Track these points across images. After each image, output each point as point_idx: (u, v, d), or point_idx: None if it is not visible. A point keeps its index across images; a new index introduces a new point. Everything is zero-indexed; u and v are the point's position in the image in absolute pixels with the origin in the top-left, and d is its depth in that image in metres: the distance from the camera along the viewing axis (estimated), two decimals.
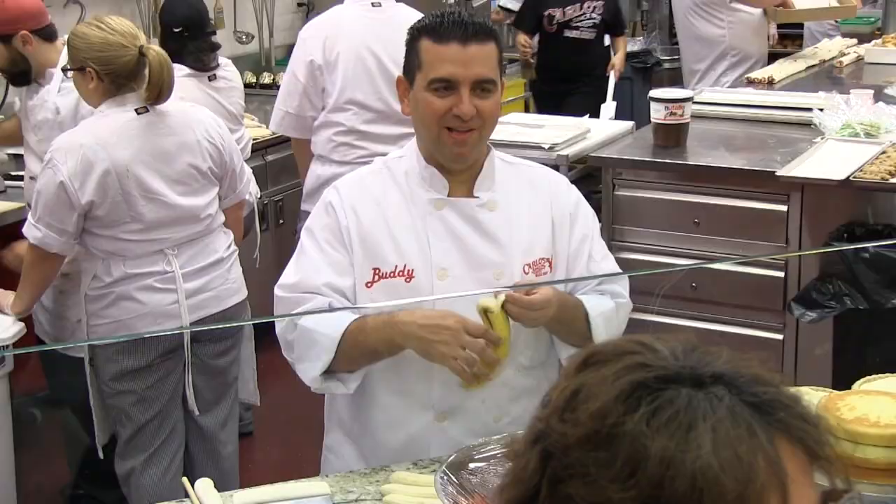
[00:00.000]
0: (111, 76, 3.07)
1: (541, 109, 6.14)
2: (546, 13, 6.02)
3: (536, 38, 6.31)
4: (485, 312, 2.09)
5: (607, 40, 6.23)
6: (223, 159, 3.28)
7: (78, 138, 3.08)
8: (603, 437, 0.86)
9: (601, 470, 0.85)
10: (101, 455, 3.33)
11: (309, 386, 2.23)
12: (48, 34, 3.54)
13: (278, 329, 2.23)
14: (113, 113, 3.10)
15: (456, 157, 2.17)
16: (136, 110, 3.11)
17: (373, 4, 4.26)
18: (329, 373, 2.16)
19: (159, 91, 3.09)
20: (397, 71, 4.23)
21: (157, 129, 3.13)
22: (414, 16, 4.31)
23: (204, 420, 3.39)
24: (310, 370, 2.17)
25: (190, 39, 4.09)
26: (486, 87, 2.13)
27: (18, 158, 4.23)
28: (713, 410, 0.85)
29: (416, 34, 2.18)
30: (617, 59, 6.21)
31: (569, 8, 5.99)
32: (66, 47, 3.19)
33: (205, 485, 2.09)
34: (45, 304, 3.38)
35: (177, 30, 4.09)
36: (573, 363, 0.95)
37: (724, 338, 0.90)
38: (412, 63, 2.17)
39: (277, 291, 2.24)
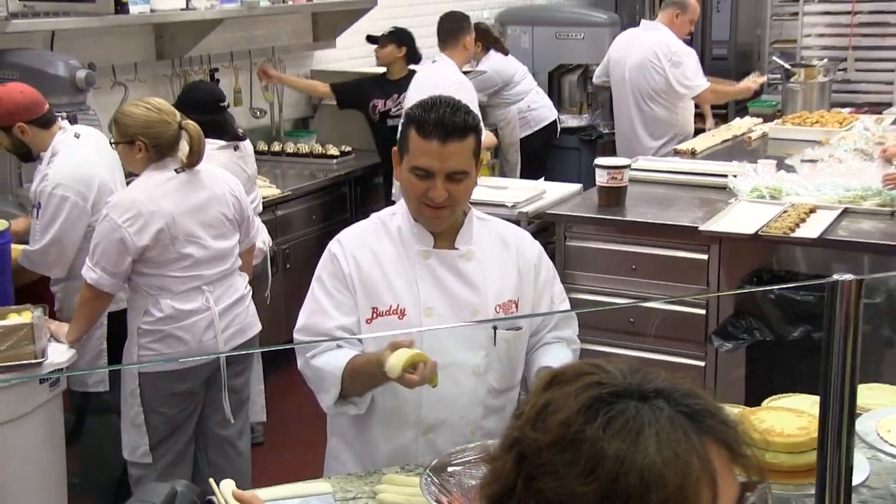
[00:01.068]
0: (157, 147, 3.11)
1: (390, 199, 4.92)
2: (371, 103, 5.37)
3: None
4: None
5: None
6: (241, 208, 3.32)
7: (131, 195, 3.11)
8: (568, 441, 0.87)
9: (567, 468, 0.86)
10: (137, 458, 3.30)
11: (323, 408, 2.26)
12: (44, 122, 3.48)
13: (299, 365, 2.24)
14: (157, 174, 3.13)
15: (431, 224, 2.19)
16: (175, 170, 3.15)
17: (433, 62, 5.02)
18: (343, 398, 2.18)
19: (198, 157, 3.15)
20: None
21: (193, 185, 3.18)
22: (446, 73, 4.88)
23: (224, 431, 3.39)
24: (325, 400, 2.21)
25: (226, 113, 4.11)
26: (458, 177, 2.11)
27: None
28: (656, 419, 0.87)
29: (408, 121, 2.15)
30: None
31: (389, 100, 5.41)
32: (114, 124, 3.21)
33: (228, 485, 2.07)
34: None
35: (223, 104, 4.07)
36: (541, 382, 0.96)
37: (655, 364, 0.91)
38: (403, 144, 2.15)
39: (296, 335, 2.24)
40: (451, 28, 5.09)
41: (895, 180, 3.94)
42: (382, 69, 5.50)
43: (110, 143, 3.20)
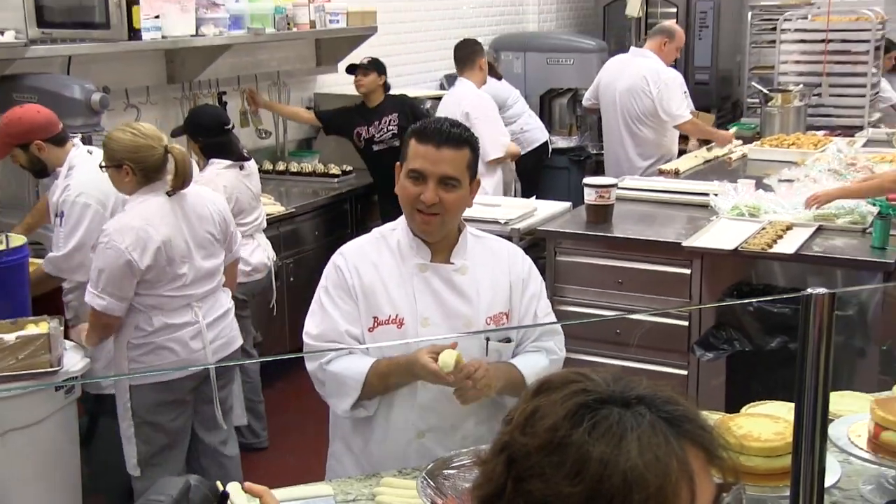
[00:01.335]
0: (144, 171, 3.08)
1: (385, 217, 4.81)
2: (355, 131, 5.38)
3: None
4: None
5: None
6: (226, 225, 3.31)
7: (129, 220, 3.07)
8: (555, 445, 0.88)
9: (555, 471, 0.87)
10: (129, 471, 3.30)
11: (336, 411, 2.25)
12: (58, 140, 3.50)
13: (310, 369, 2.23)
14: (149, 198, 3.10)
15: (423, 232, 2.19)
16: (166, 193, 3.12)
17: (440, 85, 5.38)
18: (356, 401, 2.18)
19: (183, 180, 3.12)
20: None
21: (183, 207, 3.15)
22: (467, 90, 5.40)
23: (209, 438, 3.38)
24: (341, 404, 2.19)
25: (231, 135, 4.11)
26: (450, 183, 2.11)
27: None
28: (638, 424, 0.88)
29: (409, 133, 2.18)
30: None
31: (371, 127, 5.35)
32: (103, 148, 3.19)
33: (234, 487, 2.07)
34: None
35: (227, 126, 4.06)
36: (529, 390, 0.97)
37: (640, 373, 0.92)
38: (403, 153, 2.17)
39: (306, 339, 2.23)
40: (467, 52, 5.56)
41: (817, 200, 3.98)
42: (359, 97, 5.51)
43: (100, 167, 3.17)
